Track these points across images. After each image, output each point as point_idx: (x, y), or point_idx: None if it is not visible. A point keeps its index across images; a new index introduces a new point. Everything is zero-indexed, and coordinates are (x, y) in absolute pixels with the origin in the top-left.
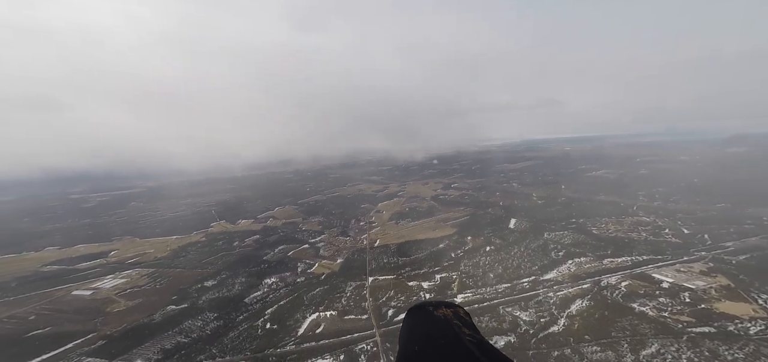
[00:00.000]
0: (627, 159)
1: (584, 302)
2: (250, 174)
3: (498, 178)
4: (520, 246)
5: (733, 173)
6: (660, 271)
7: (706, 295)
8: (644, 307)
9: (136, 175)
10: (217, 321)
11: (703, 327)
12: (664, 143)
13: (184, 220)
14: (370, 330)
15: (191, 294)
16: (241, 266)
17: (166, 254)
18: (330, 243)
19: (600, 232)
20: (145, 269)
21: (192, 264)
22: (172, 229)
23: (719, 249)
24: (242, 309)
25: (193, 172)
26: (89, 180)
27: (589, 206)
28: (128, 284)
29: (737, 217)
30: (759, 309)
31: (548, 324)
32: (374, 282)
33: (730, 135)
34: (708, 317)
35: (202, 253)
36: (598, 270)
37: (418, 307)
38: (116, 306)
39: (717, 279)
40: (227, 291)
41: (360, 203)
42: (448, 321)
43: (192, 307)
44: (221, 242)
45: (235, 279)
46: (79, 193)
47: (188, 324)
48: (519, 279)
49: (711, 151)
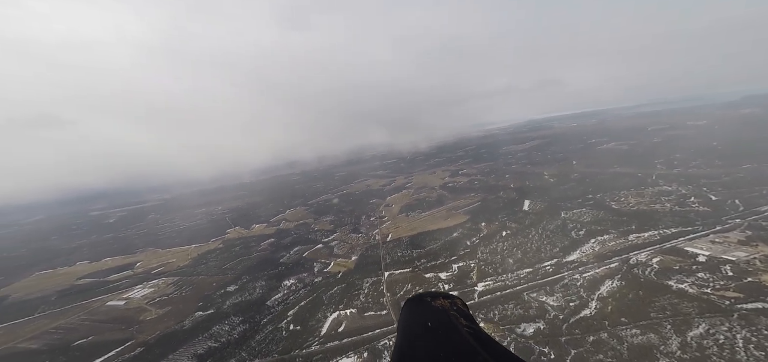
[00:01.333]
0: (636, 129)
1: (615, 282)
2: (258, 179)
3: (506, 160)
4: (537, 229)
5: (753, 133)
6: (693, 244)
7: (750, 267)
8: (682, 284)
9: (149, 188)
10: (243, 324)
11: (755, 303)
12: (672, 111)
13: (200, 229)
14: (391, 326)
15: (216, 300)
16: (260, 269)
17: (188, 262)
18: (343, 241)
19: (620, 207)
20: (170, 278)
21: (213, 270)
22: (190, 238)
23: (755, 215)
24: (265, 311)
25: (204, 181)
26: (105, 196)
27: (604, 180)
28: (156, 293)
29: (766, 178)
30: None
31: (579, 309)
32: (390, 277)
33: (742, 97)
34: (758, 291)
35: (221, 259)
36: (624, 247)
37: (415, 298)
38: (148, 315)
39: (759, 249)
40: (249, 295)
41: (369, 199)
42: (446, 311)
43: (218, 312)
44: (238, 247)
45: (256, 282)
46: (99, 210)
47: (217, 329)
48: (541, 263)
49: (724, 114)
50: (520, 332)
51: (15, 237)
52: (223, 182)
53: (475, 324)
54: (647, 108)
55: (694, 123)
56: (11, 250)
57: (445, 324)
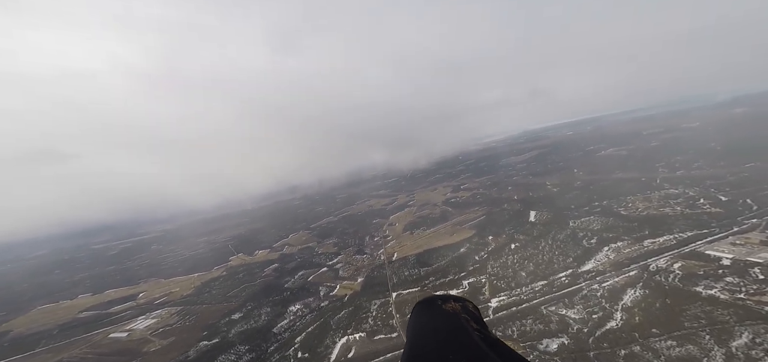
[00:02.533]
0: (633, 134)
1: (637, 291)
2: (260, 205)
3: (507, 172)
4: (546, 240)
5: (749, 132)
6: (713, 247)
7: None
8: (711, 290)
9: (152, 220)
10: (250, 353)
11: None
12: (665, 114)
13: (203, 257)
14: (402, 349)
15: (221, 329)
16: (265, 296)
17: (191, 291)
18: (348, 263)
19: (629, 212)
20: (173, 308)
21: (217, 298)
22: (193, 267)
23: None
24: (272, 339)
25: (206, 209)
26: (108, 229)
27: (608, 186)
28: (160, 323)
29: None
30: None
31: (603, 321)
32: (399, 298)
33: (731, 97)
34: None
35: (225, 287)
36: (640, 253)
37: (426, 301)
38: (152, 346)
39: None
40: (255, 323)
41: (371, 219)
42: (457, 315)
43: (223, 341)
44: (242, 274)
45: (261, 309)
46: (101, 243)
47: (223, 359)
48: (555, 275)
49: (717, 114)
50: (544, 348)
51: (17, 272)
52: (225, 210)
53: (486, 328)
54: (640, 112)
55: (688, 125)
56: (13, 285)
57: (456, 328)
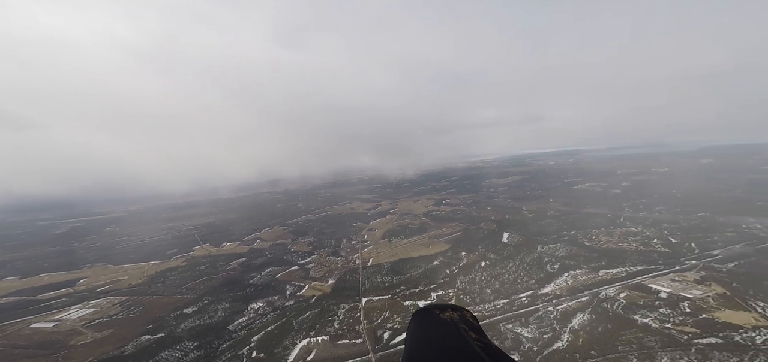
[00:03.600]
0: (608, 172)
1: (585, 315)
2: (237, 195)
3: (488, 193)
4: (514, 261)
5: (708, 183)
6: (655, 281)
7: (705, 304)
8: (646, 319)
9: (117, 199)
10: (198, 350)
11: (709, 338)
12: (639, 156)
13: (164, 245)
14: (365, 355)
15: (169, 323)
16: (225, 291)
17: (142, 281)
18: (321, 263)
19: (592, 244)
20: (117, 297)
21: (171, 290)
22: (150, 254)
23: (708, 257)
24: (225, 336)
25: (177, 194)
26: (64, 206)
27: (578, 218)
28: (97, 314)
29: (718, 226)
30: (760, 318)
31: (552, 341)
32: (368, 304)
33: (700, 147)
34: (712, 327)
35: (182, 278)
36: (594, 281)
37: (424, 310)
38: (82, 339)
39: (712, 288)
40: (209, 318)
41: (351, 222)
42: (455, 324)
43: (169, 336)
44: (204, 266)
45: (218, 305)
46: (48, 219)
47: (164, 355)
48: (517, 294)
49: (684, 162)
50: None
51: None
52: (198, 196)
53: (485, 337)
54: (619, 151)
55: (658, 169)
56: None
57: (455, 337)
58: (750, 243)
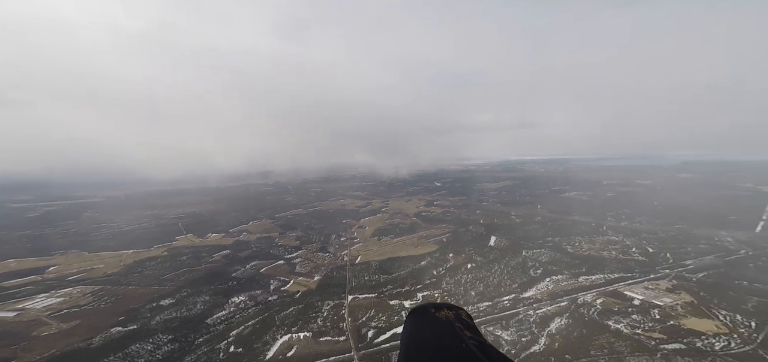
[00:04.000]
0: (595, 182)
1: (563, 320)
2: (226, 185)
3: (479, 197)
4: (500, 264)
5: (686, 197)
6: (631, 289)
7: (673, 312)
8: (619, 325)
9: (99, 183)
10: (172, 344)
11: (674, 344)
12: (626, 167)
13: (145, 233)
14: (348, 354)
15: (143, 315)
16: (206, 283)
17: (119, 270)
18: (308, 259)
19: (574, 250)
20: (89, 286)
21: (148, 281)
22: (130, 243)
23: (681, 267)
24: (203, 330)
25: (164, 181)
26: (38, 187)
27: (563, 225)
28: (65, 303)
29: (693, 238)
30: (721, 325)
31: (530, 344)
32: (354, 301)
33: (681, 162)
34: (677, 333)
35: (161, 269)
36: (574, 287)
37: (419, 309)
38: (45, 329)
39: (681, 296)
40: (187, 311)
41: (342, 218)
42: (450, 323)
43: (142, 329)
44: (186, 257)
45: (198, 297)
46: (23, 201)
47: (135, 349)
48: (500, 297)
49: (666, 176)
50: None
51: None
52: (186, 184)
53: (480, 335)
54: (607, 161)
55: (642, 182)
56: None
57: (450, 336)
58: (720, 255)
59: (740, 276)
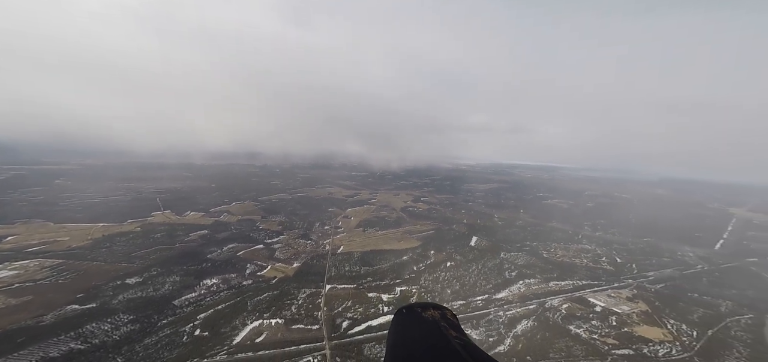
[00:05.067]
0: (577, 191)
1: (529, 322)
2: (210, 163)
3: (465, 197)
4: (478, 264)
5: (659, 212)
6: (595, 295)
7: (628, 319)
8: (579, 329)
9: (73, 151)
10: (132, 324)
11: (625, 350)
12: (609, 180)
13: (119, 206)
14: (320, 342)
15: (105, 292)
16: (178, 263)
17: (85, 243)
18: (288, 245)
19: (549, 256)
20: (49, 260)
21: (116, 257)
22: (101, 215)
23: (642, 278)
24: (168, 311)
25: (145, 154)
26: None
27: (542, 231)
28: (19, 277)
29: (658, 250)
30: (667, 333)
31: (495, 344)
32: (332, 291)
33: (660, 178)
34: (629, 340)
35: (132, 246)
36: (544, 291)
37: (406, 309)
38: None
39: (638, 305)
40: (154, 291)
41: (328, 206)
42: (436, 322)
43: (101, 308)
44: (160, 234)
45: (167, 277)
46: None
47: (90, 328)
48: (474, 297)
49: (643, 190)
50: None
51: None
52: (168, 159)
53: (464, 335)
54: (590, 173)
55: (620, 195)
56: None
57: (436, 335)
58: (679, 268)
59: (693, 289)
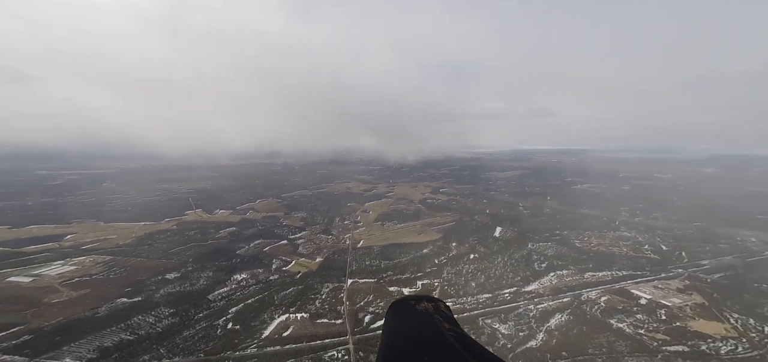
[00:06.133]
0: (610, 174)
1: (564, 316)
2: (235, 163)
3: (486, 186)
4: (504, 256)
5: (708, 193)
6: (638, 287)
7: (681, 313)
8: (622, 324)
9: (112, 155)
10: (173, 317)
11: (678, 346)
12: (645, 160)
13: (157, 206)
14: (344, 337)
15: (148, 287)
16: (211, 259)
17: (130, 241)
18: (311, 240)
19: (583, 245)
20: (101, 256)
21: (157, 253)
22: (142, 215)
23: (695, 267)
24: (204, 305)
25: (176, 157)
26: (59, 157)
27: (573, 219)
28: (77, 272)
29: (712, 236)
30: (730, 329)
31: (527, 339)
32: (353, 285)
33: (708, 156)
34: (682, 335)
35: (170, 243)
36: (579, 283)
37: (400, 302)
38: (56, 296)
39: (692, 297)
40: (190, 286)
41: (346, 201)
42: (430, 315)
43: (146, 301)
44: (193, 232)
45: (202, 272)
46: (47, 170)
47: (137, 320)
48: (501, 290)
49: (687, 170)
50: None
51: None
52: (197, 161)
53: (458, 327)
54: (623, 153)
55: (660, 175)
56: None
57: (429, 328)
58: (740, 255)
59: (760, 279)
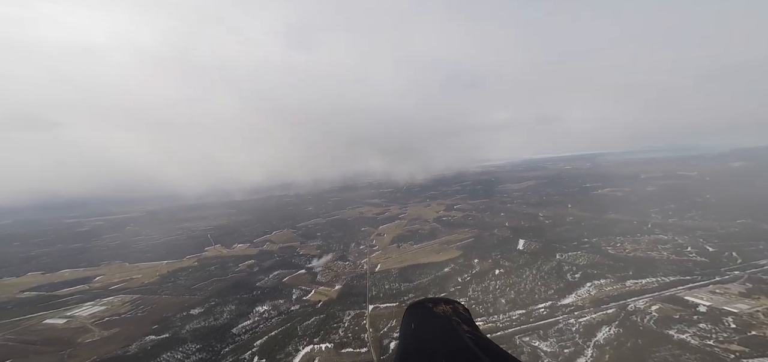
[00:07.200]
0: (630, 176)
1: (612, 329)
2: (249, 198)
3: (501, 199)
4: (531, 269)
5: (745, 187)
6: (692, 293)
7: (753, 320)
8: (683, 334)
9: (133, 199)
10: (200, 353)
11: (761, 358)
12: (664, 159)
13: (178, 244)
14: None
15: (174, 323)
16: (232, 293)
17: (154, 279)
18: (328, 268)
19: (617, 252)
20: (128, 295)
21: (180, 290)
22: (164, 254)
23: (754, 268)
24: (229, 339)
25: (191, 196)
26: (84, 205)
27: (600, 225)
28: (107, 311)
29: (763, 233)
30: None
31: (574, 356)
32: (375, 311)
33: (731, 149)
34: (763, 346)
35: (192, 279)
36: (621, 292)
37: (417, 304)
38: (89, 336)
39: (761, 302)
40: (214, 320)
41: (360, 226)
42: (448, 318)
43: (173, 337)
44: (214, 267)
45: (225, 306)
46: (75, 217)
47: (167, 357)
48: (534, 305)
49: (715, 165)
50: None
51: None
52: (211, 198)
53: (477, 329)
54: (640, 154)
55: (686, 173)
56: None
57: (447, 330)
58: None
59: None
